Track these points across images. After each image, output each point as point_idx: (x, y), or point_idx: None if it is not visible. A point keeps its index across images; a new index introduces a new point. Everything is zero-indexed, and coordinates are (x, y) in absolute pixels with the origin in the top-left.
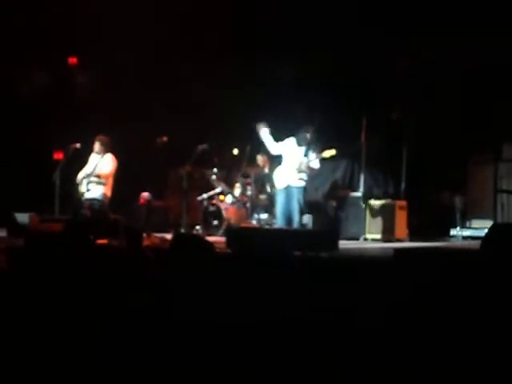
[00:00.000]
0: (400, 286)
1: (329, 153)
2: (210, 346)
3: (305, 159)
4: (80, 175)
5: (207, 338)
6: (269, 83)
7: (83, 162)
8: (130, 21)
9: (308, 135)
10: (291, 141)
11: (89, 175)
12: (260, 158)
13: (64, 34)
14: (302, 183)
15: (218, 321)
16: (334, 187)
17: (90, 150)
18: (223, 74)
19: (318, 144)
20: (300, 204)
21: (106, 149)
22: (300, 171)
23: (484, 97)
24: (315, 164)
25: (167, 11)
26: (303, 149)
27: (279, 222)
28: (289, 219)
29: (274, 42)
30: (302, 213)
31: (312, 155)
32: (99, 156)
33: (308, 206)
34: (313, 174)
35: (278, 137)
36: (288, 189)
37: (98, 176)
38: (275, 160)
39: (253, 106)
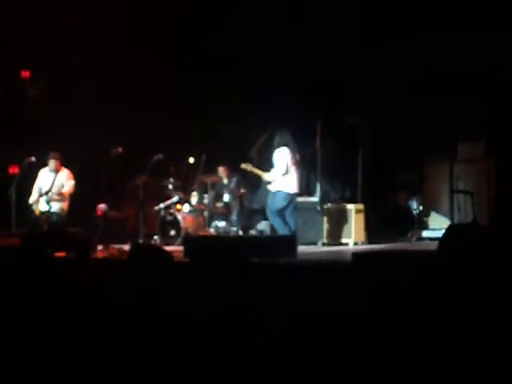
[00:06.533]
0: (359, 290)
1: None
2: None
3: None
4: (35, 195)
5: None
6: (224, 90)
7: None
8: (83, 34)
9: (281, 138)
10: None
11: (47, 192)
12: (221, 169)
13: (16, 48)
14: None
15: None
16: None
17: (44, 164)
18: (177, 82)
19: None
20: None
21: (61, 165)
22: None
23: (438, 98)
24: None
25: (120, 24)
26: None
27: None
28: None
29: (226, 48)
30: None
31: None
32: (53, 173)
33: (265, 212)
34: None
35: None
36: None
37: (60, 194)
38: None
39: (209, 114)
